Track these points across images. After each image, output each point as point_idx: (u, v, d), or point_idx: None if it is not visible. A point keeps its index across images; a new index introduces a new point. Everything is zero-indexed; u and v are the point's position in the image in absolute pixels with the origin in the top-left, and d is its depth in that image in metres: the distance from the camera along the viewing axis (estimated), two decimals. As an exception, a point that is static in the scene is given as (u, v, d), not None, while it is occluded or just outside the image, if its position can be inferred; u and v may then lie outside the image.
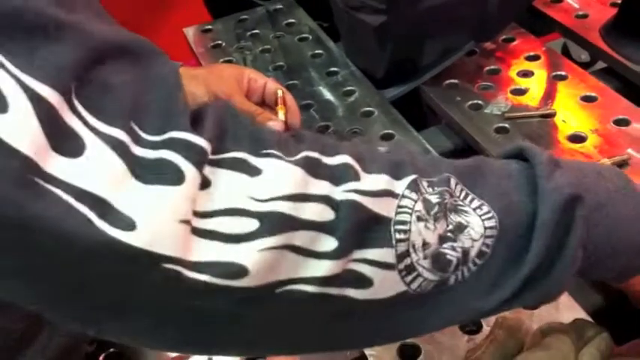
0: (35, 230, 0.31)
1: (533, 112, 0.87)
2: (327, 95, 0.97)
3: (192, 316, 0.37)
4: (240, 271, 0.35)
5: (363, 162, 0.40)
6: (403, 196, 0.40)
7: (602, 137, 0.82)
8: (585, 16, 1.03)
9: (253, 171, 0.37)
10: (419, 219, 0.40)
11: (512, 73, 0.95)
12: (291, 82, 1.00)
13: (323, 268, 0.37)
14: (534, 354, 0.54)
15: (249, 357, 0.62)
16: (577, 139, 0.82)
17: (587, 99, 0.88)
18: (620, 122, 0.84)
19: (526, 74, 0.94)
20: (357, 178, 0.39)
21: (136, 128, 0.34)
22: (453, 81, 0.95)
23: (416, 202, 0.40)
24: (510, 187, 0.43)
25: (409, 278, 0.39)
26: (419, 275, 0.39)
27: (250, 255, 0.35)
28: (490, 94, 0.92)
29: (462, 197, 0.42)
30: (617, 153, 0.79)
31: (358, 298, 0.39)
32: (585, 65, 1.14)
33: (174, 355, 0.65)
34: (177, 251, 0.34)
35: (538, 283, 0.41)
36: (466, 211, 0.41)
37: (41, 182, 0.31)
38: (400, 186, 0.40)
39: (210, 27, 1.17)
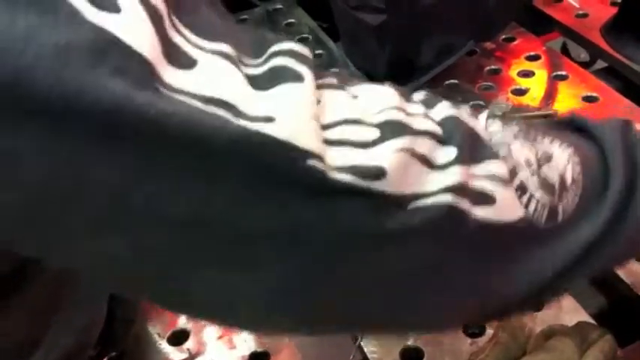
0: (169, 128, 0.29)
1: (534, 113, 0.87)
2: (328, 96, 0.97)
3: (333, 245, 0.34)
4: (379, 171, 0.33)
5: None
6: (488, 124, 0.39)
7: (603, 137, 0.82)
8: (585, 16, 1.02)
9: (351, 94, 0.36)
10: (514, 137, 0.39)
11: (513, 73, 0.95)
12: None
13: (452, 176, 0.35)
14: (537, 357, 0.54)
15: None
16: (578, 139, 0.82)
17: (588, 99, 0.88)
18: (621, 122, 0.83)
19: (527, 74, 0.94)
20: (445, 102, 0.39)
21: (237, 51, 0.33)
22: (453, 81, 0.95)
23: (503, 127, 0.39)
24: (566, 134, 0.44)
25: (524, 199, 0.38)
26: (532, 196, 0.38)
27: (384, 156, 0.33)
28: (491, 94, 0.92)
29: (533, 135, 0.41)
30: (619, 153, 0.79)
31: (488, 218, 0.37)
32: (585, 65, 1.14)
33: (177, 358, 0.65)
34: (318, 147, 0.32)
35: (627, 210, 0.41)
36: (544, 143, 0.41)
37: (163, 89, 0.29)
38: (481, 117, 0.40)
39: None
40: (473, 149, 0.37)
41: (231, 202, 0.32)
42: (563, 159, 0.41)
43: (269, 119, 0.31)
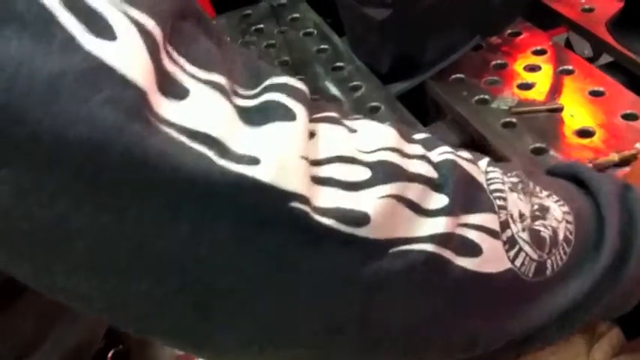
0: (154, 167, 0.28)
1: (540, 107, 0.87)
2: (334, 90, 0.96)
3: (314, 282, 0.33)
4: (362, 218, 0.33)
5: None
6: (487, 172, 0.39)
7: (610, 132, 0.81)
8: (591, 10, 1.02)
9: (349, 128, 0.36)
10: (511, 190, 0.39)
11: (519, 67, 0.95)
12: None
13: (437, 225, 0.35)
14: (546, 350, 0.54)
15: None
16: (585, 133, 0.82)
17: (594, 93, 0.88)
18: (628, 117, 0.83)
19: (533, 69, 0.94)
20: (445, 145, 0.39)
21: (231, 82, 0.33)
22: (459, 75, 0.95)
23: (502, 175, 0.39)
24: (563, 184, 0.44)
25: (512, 253, 0.38)
26: (521, 250, 0.38)
27: (370, 202, 0.33)
28: (496, 88, 0.91)
29: (532, 185, 0.41)
30: (626, 148, 0.78)
31: (471, 268, 0.36)
32: (588, 60, 1.14)
33: (182, 352, 0.64)
34: (304, 189, 0.31)
35: (619, 270, 0.41)
36: (541, 197, 0.41)
37: (153, 119, 0.28)
38: (482, 164, 0.40)
39: (213, 22, 1.17)
40: (466, 198, 0.37)
41: (214, 245, 0.31)
42: (557, 215, 0.40)
43: (254, 160, 0.30)
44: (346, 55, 1.03)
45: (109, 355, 0.65)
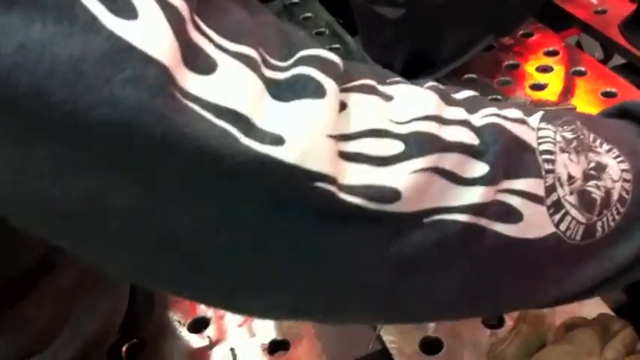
0: (178, 146, 0.28)
1: (553, 108, 0.87)
2: (346, 89, 0.97)
3: (337, 259, 0.33)
4: (392, 194, 0.32)
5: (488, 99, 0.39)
6: (540, 129, 0.38)
7: (622, 133, 0.81)
8: (604, 12, 1.02)
9: (385, 96, 0.35)
10: (562, 150, 0.37)
11: (531, 68, 0.95)
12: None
13: (474, 194, 0.34)
14: (559, 347, 0.54)
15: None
16: (597, 134, 0.82)
17: (607, 95, 0.88)
18: (640, 118, 0.83)
19: (545, 70, 0.94)
20: (491, 106, 0.37)
21: (263, 52, 0.32)
22: (471, 75, 0.95)
23: (555, 133, 0.38)
24: (628, 136, 0.42)
25: (557, 217, 0.37)
26: (567, 214, 0.37)
27: (401, 178, 0.32)
28: (509, 89, 0.92)
29: (592, 139, 0.40)
30: (638, 149, 0.78)
31: (508, 235, 0.35)
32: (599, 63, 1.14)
33: (198, 345, 0.65)
34: (330, 169, 0.31)
35: None
36: (600, 152, 0.39)
37: (179, 95, 0.28)
38: (534, 120, 0.38)
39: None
40: (510, 163, 0.36)
41: (238, 225, 0.31)
42: (614, 174, 0.39)
43: (279, 140, 0.30)
44: (358, 55, 1.03)
45: (123, 348, 0.65)
